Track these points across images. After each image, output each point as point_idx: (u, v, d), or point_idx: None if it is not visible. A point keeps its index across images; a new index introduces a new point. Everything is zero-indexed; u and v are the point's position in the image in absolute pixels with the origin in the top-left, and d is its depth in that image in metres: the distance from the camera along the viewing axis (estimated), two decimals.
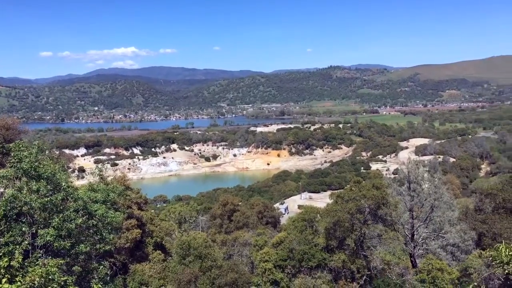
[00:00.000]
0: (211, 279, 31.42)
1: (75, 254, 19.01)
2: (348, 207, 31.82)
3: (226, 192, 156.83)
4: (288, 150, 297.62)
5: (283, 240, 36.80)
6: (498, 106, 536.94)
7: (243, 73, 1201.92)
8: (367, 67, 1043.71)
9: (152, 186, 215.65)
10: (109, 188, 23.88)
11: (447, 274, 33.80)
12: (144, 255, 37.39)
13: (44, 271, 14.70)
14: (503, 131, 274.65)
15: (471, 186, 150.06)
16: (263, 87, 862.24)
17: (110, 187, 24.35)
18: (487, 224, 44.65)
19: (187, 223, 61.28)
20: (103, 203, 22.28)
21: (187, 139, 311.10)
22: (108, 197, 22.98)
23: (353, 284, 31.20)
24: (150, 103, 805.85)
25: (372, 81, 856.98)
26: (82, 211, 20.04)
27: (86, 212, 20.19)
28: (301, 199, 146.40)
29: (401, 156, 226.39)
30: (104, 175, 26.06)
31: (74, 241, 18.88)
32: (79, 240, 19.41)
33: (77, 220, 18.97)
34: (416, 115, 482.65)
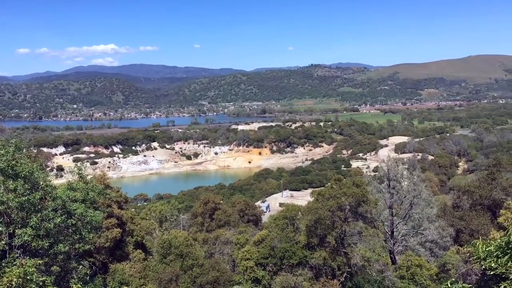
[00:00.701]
0: (192, 278, 31.33)
1: (54, 254, 18.76)
2: (329, 204, 32.05)
3: (207, 190, 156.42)
4: (270, 148, 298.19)
5: (264, 238, 36.89)
6: (475, 105, 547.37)
7: (224, 71, 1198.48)
8: (348, 66, 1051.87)
9: (132, 184, 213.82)
10: (89, 187, 23.62)
11: (425, 270, 34.37)
12: (124, 255, 37.03)
13: (22, 271, 14.45)
14: (480, 129, 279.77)
15: (449, 184, 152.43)
16: (245, 85, 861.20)
17: (90, 186, 24.08)
18: (464, 221, 45.53)
19: (168, 222, 60.94)
20: (83, 202, 22.04)
21: (168, 137, 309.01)
22: (88, 196, 22.73)
23: (333, 281, 31.45)
24: (130, 101, 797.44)
25: (353, 80, 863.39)
26: (61, 210, 19.79)
27: (65, 211, 19.94)
28: (282, 197, 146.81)
29: (381, 154, 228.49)
30: (83, 174, 25.72)
31: (53, 241, 18.63)
32: (58, 240, 19.16)
33: (56, 219, 18.73)
34: (396, 113, 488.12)
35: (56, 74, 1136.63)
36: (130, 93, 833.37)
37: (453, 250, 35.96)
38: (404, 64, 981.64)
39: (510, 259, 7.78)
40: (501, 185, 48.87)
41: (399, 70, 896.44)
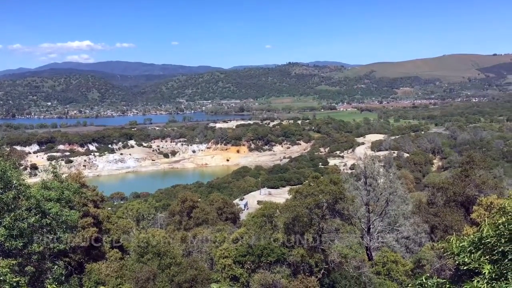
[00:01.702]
0: (170, 277, 31.14)
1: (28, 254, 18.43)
2: (307, 202, 32.27)
3: (185, 188, 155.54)
4: (248, 146, 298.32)
5: (242, 236, 36.91)
6: (449, 103, 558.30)
7: (202, 68, 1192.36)
8: (325, 64, 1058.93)
9: (109, 183, 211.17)
10: (64, 186, 23.23)
11: (401, 266, 34.97)
12: (100, 254, 36.60)
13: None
14: (454, 127, 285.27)
15: (424, 181, 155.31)
16: (222, 83, 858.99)
17: (65, 184, 23.68)
18: (439, 217, 46.37)
19: (145, 221, 60.46)
20: (57, 201, 21.66)
21: (145, 135, 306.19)
22: (63, 195, 22.35)
23: (311, 277, 31.68)
24: (106, 99, 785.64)
25: (330, 78, 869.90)
26: (35, 209, 19.43)
27: (39, 211, 19.60)
28: (260, 195, 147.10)
29: (358, 152, 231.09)
30: (58, 173, 25.28)
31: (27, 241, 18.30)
32: (32, 240, 18.82)
33: (30, 219, 18.40)
34: (372, 111, 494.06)
35: (29, 70, 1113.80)
36: (106, 90, 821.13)
37: (427, 246, 36.63)
38: (380, 63, 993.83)
39: (482, 254, 7.96)
40: (474, 182, 49.90)
41: (375, 69, 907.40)
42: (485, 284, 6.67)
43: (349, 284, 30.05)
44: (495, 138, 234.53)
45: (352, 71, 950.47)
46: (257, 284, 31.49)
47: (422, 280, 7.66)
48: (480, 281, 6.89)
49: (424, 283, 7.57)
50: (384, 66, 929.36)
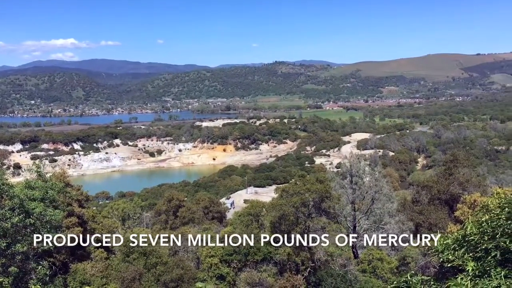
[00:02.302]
0: (156, 276, 31.01)
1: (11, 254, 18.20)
2: (293, 201, 32.35)
3: (171, 187, 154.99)
4: (234, 145, 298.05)
5: (229, 235, 36.88)
6: (434, 102, 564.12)
7: (188, 67, 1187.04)
8: (311, 63, 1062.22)
9: (94, 182, 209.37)
10: (48, 185, 22.98)
11: (386, 263, 35.29)
12: (85, 254, 36.28)
13: None
14: (438, 126, 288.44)
15: (408, 179, 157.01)
16: (209, 81, 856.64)
17: (49, 184, 23.43)
18: (423, 215, 46.88)
19: (131, 220, 60.07)
20: (41, 201, 21.42)
21: (130, 134, 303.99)
22: (47, 195, 22.11)
23: (297, 276, 31.79)
24: (91, 97, 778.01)
25: (316, 77, 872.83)
26: (19, 209, 19.19)
27: (23, 211, 19.36)
28: (247, 194, 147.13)
29: (344, 151, 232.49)
30: (42, 172, 24.99)
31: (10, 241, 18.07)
32: (16, 240, 18.59)
33: (13, 219, 18.16)
34: (358, 110, 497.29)
35: (12, 69, 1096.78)
36: (91, 89, 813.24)
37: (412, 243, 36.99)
38: (366, 62, 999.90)
39: (466, 252, 8.07)
40: (458, 180, 50.50)
41: (361, 68, 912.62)
42: (468, 281, 6.76)
43: (335, 282, 30.22)
44: (479, 137, 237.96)
45: (338, 70, 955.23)
46: (243, 283, 31.52)
47: (407, 278, 7.74)
48: (463, 278, 6.98)
49: (409, 280, 7.65)
50: (370, 65, 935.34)
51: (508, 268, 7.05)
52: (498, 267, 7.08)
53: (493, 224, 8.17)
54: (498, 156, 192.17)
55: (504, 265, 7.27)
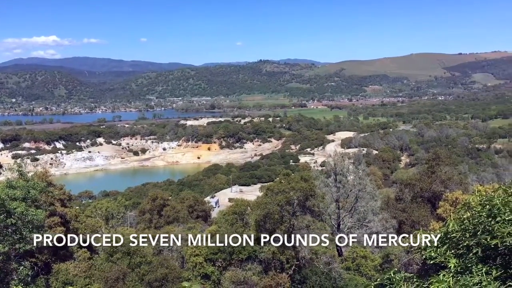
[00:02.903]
0: (140, 276, 30.80)
1: None
2: (278, 199, 32.40)
3: (155, 186, 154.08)
4: (219, 144, 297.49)
5: (214, 234, 36.82)
6: (416, 101, 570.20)
7: (172, 65, 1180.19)
8: (296, 62, 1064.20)
9: (77, 181, 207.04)
10: (30, 185, 22.66)
11: (370, 261, 35.63)
12: (68, 254, 35.90)
13: None
14: (421, 125, 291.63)
15: (392, 177, 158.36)
16: (193, 80, 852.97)
17: (31, 183, 23.11)
18: (406, 213, 47.42)
19: (114, 219, 59.49)
20: (23, 200, 21.12)
21: (114, 133, 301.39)
22: (29, 194, 21.81)
23: (282, 274, 31.89)
24: (73, 95, 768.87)
25: (301, 76, 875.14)
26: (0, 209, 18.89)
27: (4, 210, 19.08)
28: (231, 192, 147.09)
29: (328, 149, 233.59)
30: (23, 171, 24.64)
31: None
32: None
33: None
34: (342, 109, 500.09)
35: None
36: (74, 87, 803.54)
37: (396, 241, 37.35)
38: (350, 61, 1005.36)
39: (448, 249, 8.18)
40: (440, 178, 51.18)
41: (345, 67, 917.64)
42: (450, 277, 6.85)
43: (320, 279, 30.39)
44: (460, 135, 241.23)
45: (322, 69, 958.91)
46: (228, 282, 31.51)
47: (390, 275, 7.81)
48: (446, 274, 7.07)
49: (392, 277, 7.72)
50: (354, 64, 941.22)
51: (489, 265, 7.17)
52: (479, 264, 7.20)
53: (475, 221, 8.29)
54: (479, 154, 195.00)
55: (485, 262, 7.39)
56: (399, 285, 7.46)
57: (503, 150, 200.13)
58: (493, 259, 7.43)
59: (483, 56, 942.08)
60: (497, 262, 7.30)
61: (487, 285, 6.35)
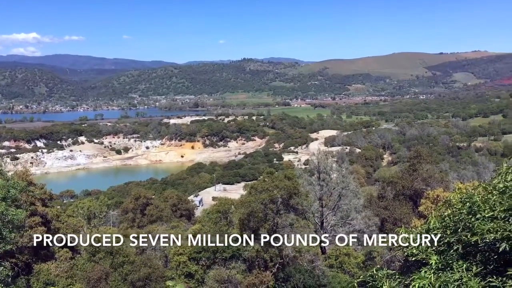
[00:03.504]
0: (123, 275, 30.56)
1: None
2: (262, 197, 32.43)
3: (138, 185, 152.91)
4: (202, 142, 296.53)
5: (197, 233, 36.69)
6: (398, 100, 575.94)
7: (155, 63, 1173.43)
8: (279, 61, 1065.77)
9: (58, 181, 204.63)
10: (9, 184, 22.27)
11: (353, 258, 35.91)
12: (49, 254, 35.41)
13: None
14: (403, 123, 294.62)
15: (374, 175, 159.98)
16: (176, 78, 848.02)
17: (11, 183, 22.71)
18: (388, 210, 47.95)
19: (96, 219, 58.88)
20: (3, 200, 20.75)
21: (96, 131, 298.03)
22: (8, 194, 21.43)
23: (266, 272, 31.94)
24: (54, 93, 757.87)
25: (284, 74, 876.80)
26: None
27: None
28: (215, 191, 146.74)
29: (312, 147, 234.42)
30: (3, 170, 24.21)
31: None
32: None
33: None
34: (325, 107, 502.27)
35: None
36: (55, 85, 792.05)
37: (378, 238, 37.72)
38: (333, 60, 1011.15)
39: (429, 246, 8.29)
40: (421, 176, 51.84)
41: (328, 66, 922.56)
42: (432, 274, 6.94)
43: (303, 277, 30.53)
44: (441, 133, 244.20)
45: (306, 67, 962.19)
46: (212, 281, 31.44)
47: (373, 272, 7.88)
48: (427, 271, 7.16)
49: (375, 274, 7.79)
50: (337, 63, 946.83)
51: (469, 261, 7.28)
52: (460, 260, 7.31)
53: (455, 218, 8.42)
54: (459, 152, 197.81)
55: (465, 258, 7.50)
56: (381, 282, 7.54)
57: (483, 148, 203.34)
58: (473, 256, 7.55)
59: (464, 55, 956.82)
60: (477, 258, 7.42)
61: (468, 281, 6.45)
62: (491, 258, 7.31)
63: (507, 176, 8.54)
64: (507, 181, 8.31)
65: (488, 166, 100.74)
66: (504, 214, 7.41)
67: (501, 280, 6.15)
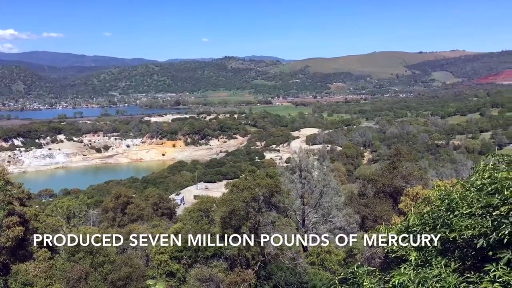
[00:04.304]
0: (103, 275, 30.22)
1: None
2: (243, 196, 32.41)
3: (119, 184, 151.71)
4: (184, 141, 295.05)
5: (179, 231, 36.52)
6: (379, 99, 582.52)
7: (136, 61, 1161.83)
8: (261, 59, 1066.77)
9: (36, 179, 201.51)
10: None
11: (334, 256, 36.19)
12: (28, 254, 34.80)
13: None
14: (383, 122, 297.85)
15: (355, 173, 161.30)
16: (157, 76, 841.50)
17: None
18: (369, 208, 48.45)
19: (76, 218, 58.14)
20: None
21: (75, 130, 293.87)
22: None
23: (248, 270, 31.96)
24: (32, 91, 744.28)
25: (266, 73, 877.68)
26: None
27: None
28: (197, 190, 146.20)
29: (293, 146, 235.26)
30: None
31: None
32: None
33: None
34: (307, 106, 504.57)
35: None
36: (33, 82, 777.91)
37: (359, 235, 38.09)
38: (314, 58, 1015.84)
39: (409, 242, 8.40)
40: (401, 174, 52.50)
41: (309, 64, 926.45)
42: (411, 270, 7.03)
43: (285, 275, 30.64)
44: (421, 132, 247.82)
45: (287, 66, 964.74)
46: (193, 279, 31.33)
47: (353, 269, 7.95)
48: (407, 267, 7.25)
49: (356, 271, 7.86)
50: (318, 62, 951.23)
51: (447, 257, 7.39)
52: (439, 257, 7.41)
53: (434, 215, 8.54)
54: (438, 150, 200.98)
55: (444, 255, 7.62)
56: (362, 279, 7.60)
57: (461, 146, 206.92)
58: (451, 252, 7.67)
59: (442, 55, 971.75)
60: (456, 254, 7.54)
61: (446, 277, 6.55)
62: (469, 254, 7.43)
63: (484, 174, 8.69)
64: (485, 178, 8.46)
65: (466, 163, 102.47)
66: (482, 211, 7.54)
67: (478, 275, 6.26)
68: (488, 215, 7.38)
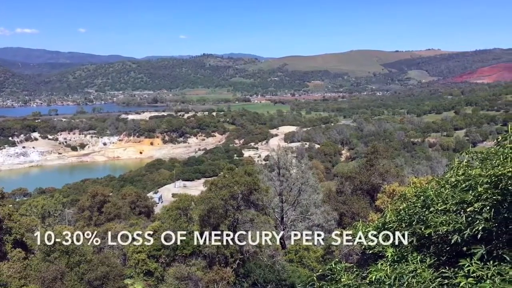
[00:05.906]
0: (79, 275, 29.81)
1: None
2: (222, 193, 32.37)
3: (95, 182, 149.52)
4: (162, 138, 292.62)
5: (157, 230, 36.27)
6: (356, 97, 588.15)
7: (112, 58, 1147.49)
8: (240, 57, 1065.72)
9: (9, 178, 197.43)
10: None
11: (312, 253, 36.45)
12: (1, 254, 34.10)
13: None
14: (361, 119, 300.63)
15: (333, 170, 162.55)
16: (135, 73, 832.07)
17: None
18: (347, 205, 48.86)
19: (51, 217, 57.22)
20: None
21: (50, 127, 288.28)
22: None
23: (226, 268, 31.95)
24: (5, 88, 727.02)
25: (244, 70, 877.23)
26: None
27: None
28: (175, 188, 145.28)
29: (272, 143, 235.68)
30: None
31: None
32: None
33: None
34: (285, 103, 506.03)
35: None
36: (6, 79, 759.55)
37: (337, 232, 38.42)
38: (292, 56, 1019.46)
39: (386, 239, 8.50)
40: (378, 171, 53.11)
41: (288, 62, 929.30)
42: (388, 266, 7.12)
43: (263, 272, 30.72)
44: (397, 129, 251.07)
45: (265, 63, 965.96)
46: (172, 278, 31.18)
47: (331, 265, 8.01)
48: (383, 263, 7.34)
49: (334, 268, 7.92)
50: (296, 60, 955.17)
51: (423, 253, 7.52)
52: (415, 252, 7.53)
53: (410, 212, 8.67)
54: (414, 147, 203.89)
55: (420, 250, 7.75)
56: (340, 275, 7.67)
57: (436, 144, 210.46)
58: (427, 248, 7.80)
59: (418, 53, 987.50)
60: (431, 250, 7.67)
61: (422, 272, 6.65)
62: (444, 250, 7.58)
63: (458, 171, 8.86)
64: (459, 175, 8.63)
65: (441, 161, 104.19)
66: (456, 207, 7.69)
67: (453, 270, 6.38)
68: (463, 211, 7.53)
